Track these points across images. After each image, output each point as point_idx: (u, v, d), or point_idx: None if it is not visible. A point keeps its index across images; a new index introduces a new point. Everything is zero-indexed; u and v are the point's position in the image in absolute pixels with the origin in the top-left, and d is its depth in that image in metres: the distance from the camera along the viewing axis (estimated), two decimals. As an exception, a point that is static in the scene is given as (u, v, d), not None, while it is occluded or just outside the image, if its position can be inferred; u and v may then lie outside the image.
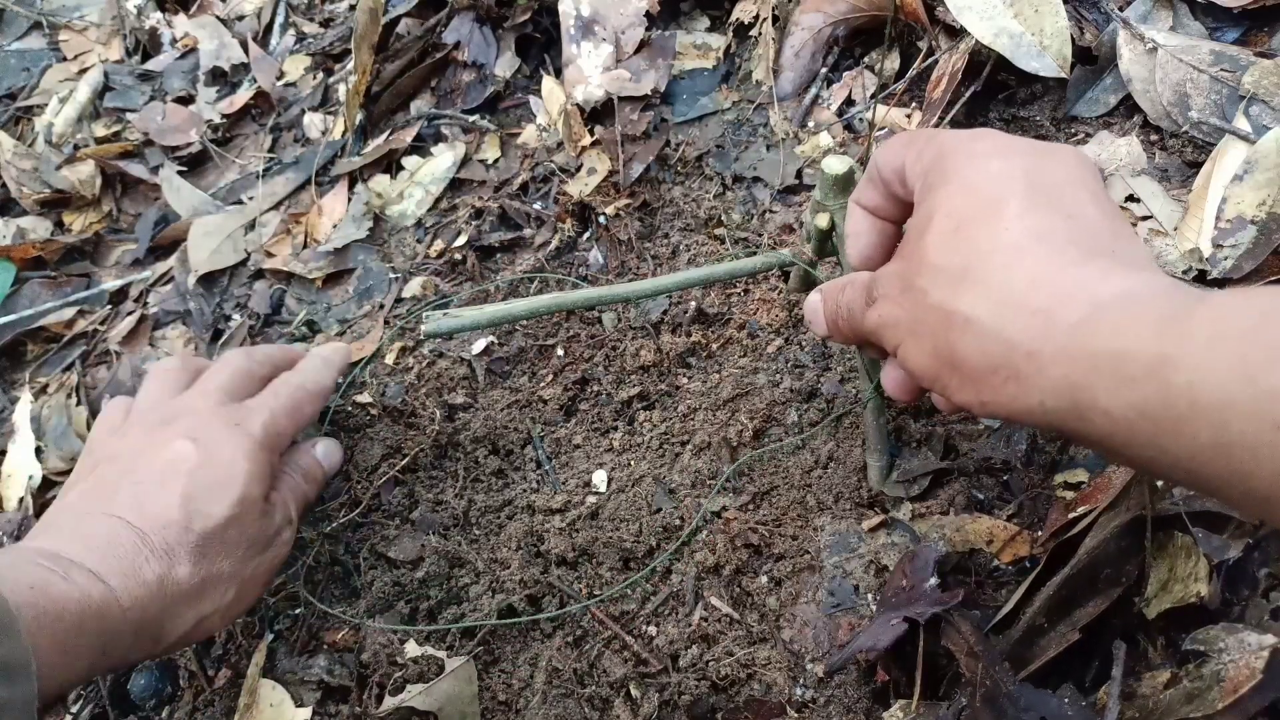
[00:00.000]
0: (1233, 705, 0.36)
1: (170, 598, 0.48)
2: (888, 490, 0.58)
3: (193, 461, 0.51)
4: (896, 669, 0.49)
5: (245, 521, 0.52)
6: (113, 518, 0.49)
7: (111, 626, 0.45)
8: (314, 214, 0.92)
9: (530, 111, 0.90)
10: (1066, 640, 0.43)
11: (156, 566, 0.48)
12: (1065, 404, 0.33)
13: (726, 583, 0.57)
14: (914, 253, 0.40)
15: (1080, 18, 0.71)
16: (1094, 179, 0.39)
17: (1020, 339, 0.34)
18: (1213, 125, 0.62)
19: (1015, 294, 0.35)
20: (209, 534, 0.50)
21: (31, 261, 0.98)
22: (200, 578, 0.49)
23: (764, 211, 0.76)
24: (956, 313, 0.36)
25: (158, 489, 0.50)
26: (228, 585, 0.51)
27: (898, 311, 0.40)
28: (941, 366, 0.38)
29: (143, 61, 1.18)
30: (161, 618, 0.48)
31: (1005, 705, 0.41)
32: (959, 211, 0.38)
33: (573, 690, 0.55)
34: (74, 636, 0.43)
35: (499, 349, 0.74)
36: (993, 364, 0.35)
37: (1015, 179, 0.38)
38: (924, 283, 0.38)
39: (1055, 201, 0.37)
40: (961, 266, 0.37)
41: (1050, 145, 0.40)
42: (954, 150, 0.41)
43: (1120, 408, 0.31)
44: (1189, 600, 0.41)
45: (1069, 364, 0.32)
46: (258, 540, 0.53)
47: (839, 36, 0.81)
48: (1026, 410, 0.34)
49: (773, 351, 0.68)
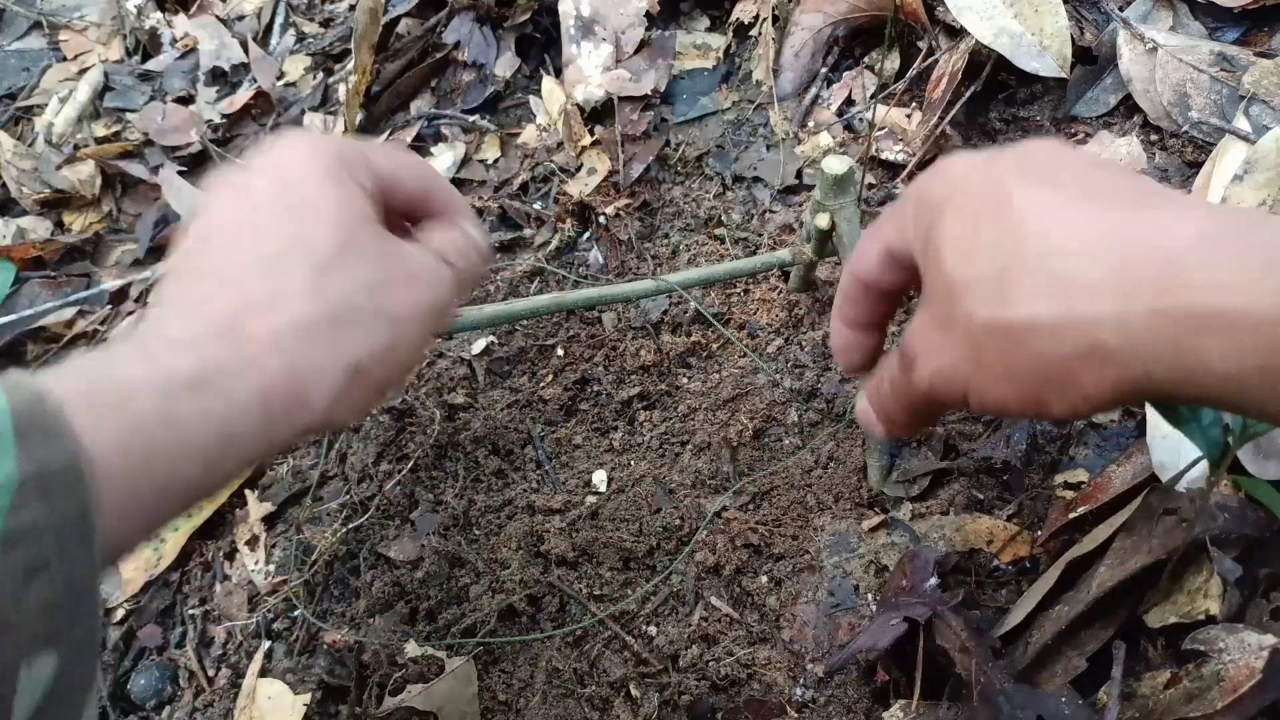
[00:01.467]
0: (1233, 705, 0.36)
1: (293, 345, 0.35)
2: (888, 490, 0.58)
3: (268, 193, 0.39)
4: (896, 669, 0.49)
5: (364, 245, 0.39)
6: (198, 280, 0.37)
7: (218, 402, 0.33)
8: (314, 214, 0.92)
9: (530, 111, 0.90)
10: (1075, 669, 0.42)
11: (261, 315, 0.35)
12: (1176, 371, 0.29)
13: (726, 583, 0.57)
14: (939, 290, 0.36)
15: (1080, 18, 0.71)
16: (1077, 153, 0.36)
17: (1098, 315, 0.30)
18: (1213, 125, 0.62)
19: (1069, 273, 0.31)
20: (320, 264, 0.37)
21: (31, 261, 0.98)
22: (326, 312, 0.36)
23: (764, 211, 0.76)
24: (1016, 322, 0.32)
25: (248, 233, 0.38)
26: (372, 320, 0.38)
27: (950, 355, 0.36)
28: (1026, 387, 0.33)
29: (143, 61, 1.18)
30: (294, 374, 0.35)
31: (1002, 704, 0.41)
32: (964, 229, 0.35)
33: (573, 690, 0.55)
34: (159, 427, 0.32)
35: (499, 349, 0.74)
36: (1080, 353, 0.31)
37: (1007, 175, 0.35)
38: (965, 308, 0.34)
39: (1057, 178, 0.34)
40: (996, 274, 0.33)
41: (1017, 143, 0.37)
42: (926, 187, 0.38)
43: (1239, 369, 0.27)
44: (1196, 616, 0.41)
45: (1169, 326, 0.29)
46: (396, 269, 0.40)
47: (839, 36, 0.81)
48: (1136, 387, 0.31)
49: (773, 351, 0.68)
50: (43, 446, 0.28)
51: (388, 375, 0.38)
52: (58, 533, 0.28)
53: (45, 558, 0.28)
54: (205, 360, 0.33)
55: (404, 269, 0.40)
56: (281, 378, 0.34)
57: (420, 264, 0.41)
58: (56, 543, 0.28)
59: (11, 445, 0.27)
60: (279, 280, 0.36)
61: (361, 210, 0.39)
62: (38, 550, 0.27)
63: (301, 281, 0.36)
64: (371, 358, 0.37)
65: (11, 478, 0.27)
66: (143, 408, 0.31)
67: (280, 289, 0.36)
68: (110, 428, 0.30)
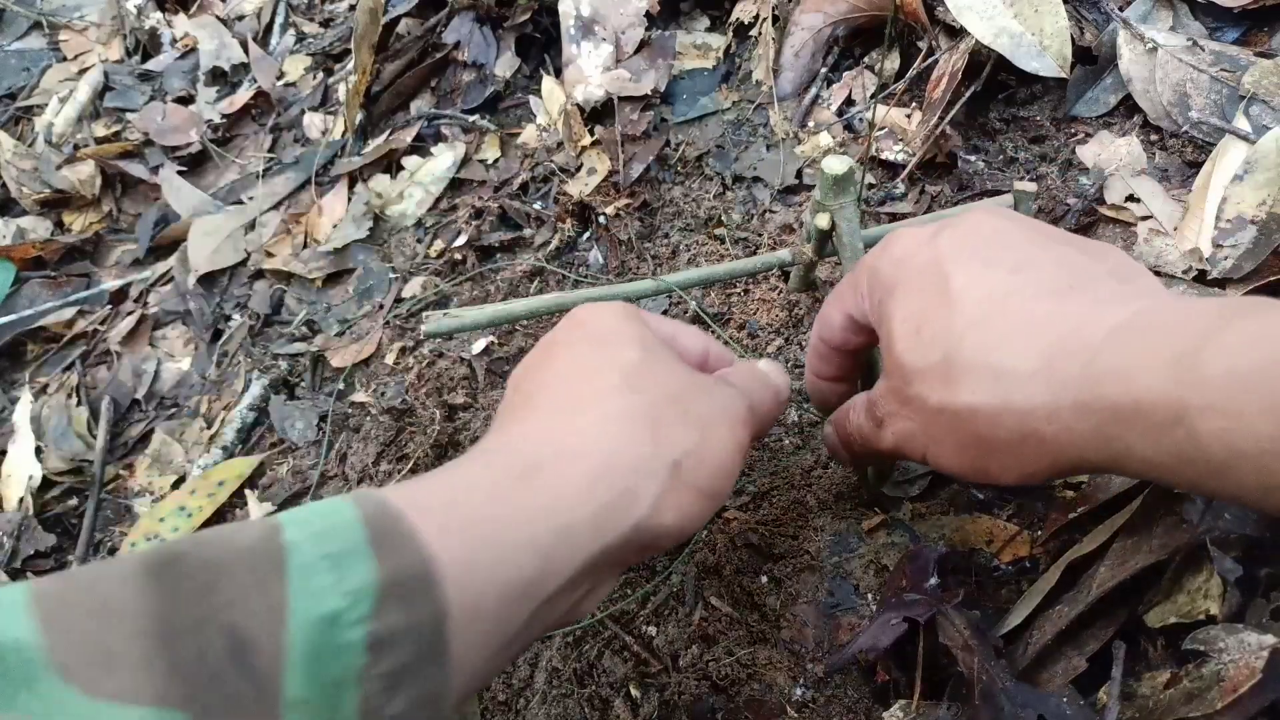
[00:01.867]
0: (1232, 705, 0.36)
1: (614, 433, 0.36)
2: (888, 490, 0.58)
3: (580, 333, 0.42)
4: (896, 669, 0.49)
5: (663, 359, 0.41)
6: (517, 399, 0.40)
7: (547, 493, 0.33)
8: (314, 214, 0.92)
9: (530, 111, 0.90)
10: (1075, 669, 0.42)
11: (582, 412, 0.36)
12: (1104, 455, 0.31)
13: (726, 583, 0.57)
14: (894, 368, 0.39)
15: (1080, 18, 0.71)
16: (1013, 221, 0.38)
17: (1031, 406, 0.33)
18: (1213, 125, 0.62)
19: (1004, 365, 0.34)
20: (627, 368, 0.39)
21: (31, 261, 0.99)
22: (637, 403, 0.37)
23: (764, 211, 0.76)
24: (960, 408, 0.35)
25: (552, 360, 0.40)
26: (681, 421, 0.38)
27: (909, 425, 0.40)
28: (975, 461, 0.37)
29: (143, 61, 1.18)
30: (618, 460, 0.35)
31: (1003, 703, 0.41)
32: (913, 313, 0.38)
33: (573, 690, 0.55)
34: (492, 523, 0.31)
35: (499, 349, 0.74)
36: (1020, 437, 0.34)
37: (944, 259, 0.37)
38: (916, 390, 0.38)
39: (992, 260, 0.36)
40: (941, 361, 0.36)
41: (957, 214, 0.40)
42: (878, 267, 0.41)
43: (1157, 455, 0.29)
44: (1196, 617, 0.41)
45: (1093, 416, 0.31)
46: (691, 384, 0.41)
47: (839, 36, 0.81)
48: (1072, 466, 0.33)
49: (773, 351, 0.68)
50: (396, 552, 0.28)
51: (710, 479, 0.38)
52: (416, 641, 0.27)
53: (407, 669, 0.27)
54: (531, 455, 0.34)
55: (701, 382, 0.42)
56: (604, 464, 0.34)
57: (713, 383, 0.42)
58: (415, 653, 0.27)
59: (368, 551, 0.27)
60: (595, 383, 0.38)
61: (656, 338, 0.42)
62: (399, 660, 0.27)
63: (614, 384, 0.38)
64: (687, 455, 0.37)
65: (371, 583, 0.27)
66: (476, 504, 0.31)
67: (597, 389, 0.37)
68: (449, 529, 0.29)
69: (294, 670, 0.25)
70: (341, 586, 0.26)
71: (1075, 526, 0.49)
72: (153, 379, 0.86)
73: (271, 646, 0.25)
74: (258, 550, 0.27)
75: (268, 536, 0.27)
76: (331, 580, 0.26)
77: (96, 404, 0.85)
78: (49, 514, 0.80)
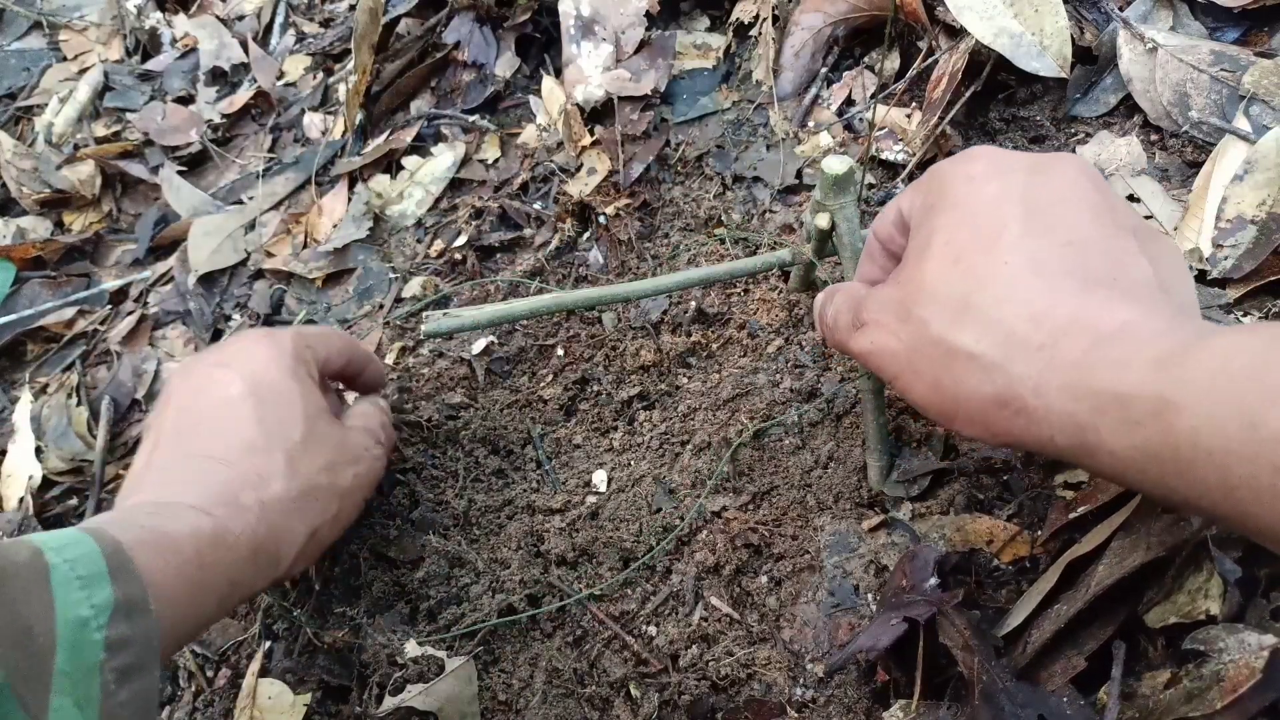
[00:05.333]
0: (1232, 705, 0.36)
1: (274, 516, 0.48)
2: (888, 490, 0.58)
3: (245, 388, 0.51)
4: (896, 669, 0.49)
5: (322, 434, 0.52)
6: (197, 458, 0.49)
7: (229, 555, 0.45)
8: (314, 214, 0.92)
9: (530, 111, 0.90)
10: (1075, 669, 0.42)
11: (252, 491, 0.48)
12: (1074, 442, 0.32)
13: (726, 583, 0.57)
14: (912, 279, 0.39)
15: (1080, 18, 0.71)
16: (1095, 190, 0.38)
17: (1025, 375, 0.34)
18: (1213, 125, 0.62)
19: (1018, 330, 0.35)
20: (291, 451, 0.50)
21: (31, 261, 0.99)
22: (297, 491, 0.49)
23: (764, 211, 0.76)
24: (960, 348, 0.36)
25: (231, 422, 0.50)
26: (327, 497, 0.51)
27: (894, 343, 0.40)
28: (946, 400, 0.37)
29: (143, 61, 1.18)
30: (273, 537, 0.48)
31: (1003, 702, 0.41)
32: (958, 240, 0.38)
33: (573, 690, 0.55)
34: (194, 570, 0.43)
35: (499, 349, 0.74)
36: (1001, 398, 0.35)
37: (1012, 202, 0.37)
38: (923, 313, 0.38)
39: (1053, 225, 0.36)
40: (962, 298, 0.37)
41: (1049, 159, 0.39)
42: (950, 175, 0.40)
43: (1125, 449, 0.30)
44: (1196, 616, 0.41)
45: (1074, 402, 0.32)
46: (344, 453, 0.54)
47: (839, 36, 0.81)
48: (1037, 443, 0.34)
49: (773, 351, 0.68)
50: (126, 584, 0.38)
51: (333, 536, 0.53)
52: (140, 648, 0.38)
53: (133, 666, 0.38)
54: (217, 524, 0.45)
55: (350, 452, 0.54)
56: (266, 539, 0.47)
57: (360, 444, 0.56)
58: (138, 656, 0.38)
59: (107, 579, 0.38)
60: (263, 463, 0.49)
61: (318, 404, 0.53)
62: (126, 659, 0.37)
63: (279, 465, 0.49)
64: (324, 524, 0.51)
65: (109, 602, 0.37)
66: (185, 555, 0.42)
67: (264, 471, 0.49)
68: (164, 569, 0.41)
69: (63, 650, 0.35)
70: (90, 601, 0.37)
71: (1075, 526, 0.49)
72: (153, 379, 0.86)
73: (46, 631, 0.35)
74: (32, 564, 0.37)
75: (35, 554, 0.37)
76: (84, 595, 0.37)
77: (96, 404, 0.86)
78: (49, 514, 0.80)
